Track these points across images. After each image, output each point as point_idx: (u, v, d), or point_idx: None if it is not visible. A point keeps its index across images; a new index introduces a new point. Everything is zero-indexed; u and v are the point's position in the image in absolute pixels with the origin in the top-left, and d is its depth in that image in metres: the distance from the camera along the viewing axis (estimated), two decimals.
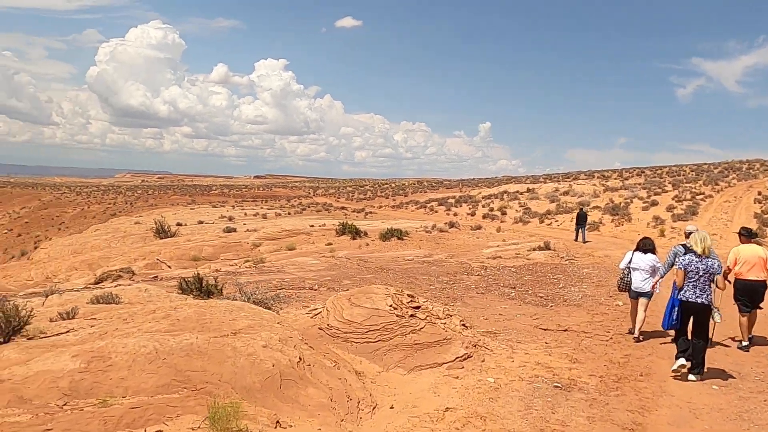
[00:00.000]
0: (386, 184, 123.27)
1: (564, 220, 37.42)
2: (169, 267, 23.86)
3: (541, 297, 14.60)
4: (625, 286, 10.23)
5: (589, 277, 17.42)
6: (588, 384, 7.67)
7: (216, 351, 5.03)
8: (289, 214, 53.31)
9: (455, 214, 50.05)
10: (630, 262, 10.08)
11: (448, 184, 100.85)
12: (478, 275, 18.86)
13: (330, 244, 28.74)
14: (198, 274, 14.39)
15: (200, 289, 13.74)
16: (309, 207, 65.11)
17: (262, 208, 63.44)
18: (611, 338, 10.43)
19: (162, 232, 33.29)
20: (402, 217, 48.03)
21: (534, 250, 23.36)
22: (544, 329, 11.28)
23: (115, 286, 17.24)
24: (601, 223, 33.45)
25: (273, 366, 5.09)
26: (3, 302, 5.23)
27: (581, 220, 28.19)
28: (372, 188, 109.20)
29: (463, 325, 8.35)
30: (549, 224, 37.49)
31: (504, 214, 44.88)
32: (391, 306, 7.68)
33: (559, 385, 7.36)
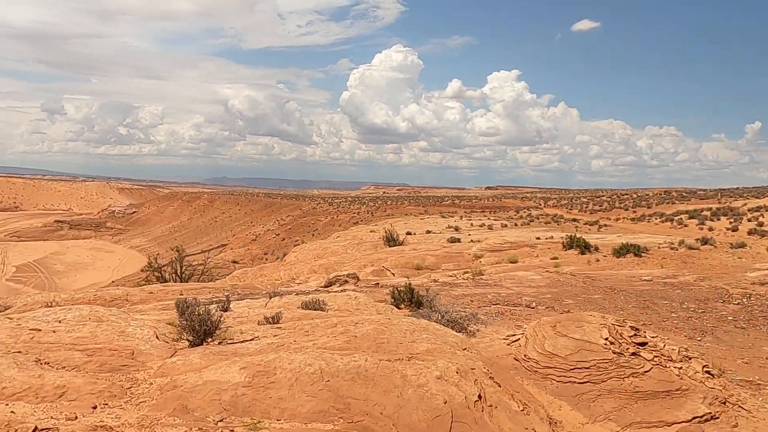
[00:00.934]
0: (626, 194, 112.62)
1: None
2: (393, 274, 24.71)
3: None
4: None
5: None
6: None
7: (383, 377, 4.51)
8: (515, 225, 51.84)
9: (710, 229, 42.98)
10: None
11: (702, 194, 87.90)
12: (737, 304, 15.46)
13: (555, 258, 26.82)
14: (409, 284, 14.37)
15: (411, 299, 13.70)
16: (537, 218, 62.58)
17: (488, 218, 63.00)
18: None
19: (391, 240, 34.93)
20: (643, 231, 42.95)
21: None
22: None
23: (342, 290, 18.32)
24: None
25: (445, 403, 4.38)
26: (195, 307, 5.54)
27: None
28: (609, 199, 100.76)
29: (708, 372, 6.50)
30: None
31: None
32: (606, 339, 6.33)
33: None
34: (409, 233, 47.55)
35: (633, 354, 6.27)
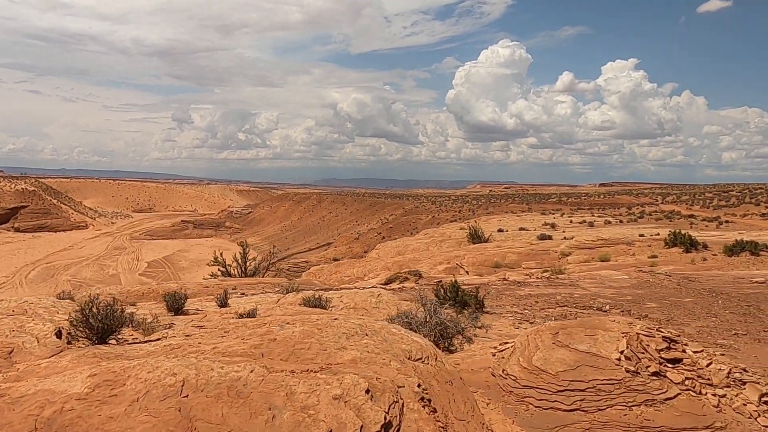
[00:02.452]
0: (760, 188, 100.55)
1: None
2: (467, 272, 23.27)
3: None
4: None
5: None
6: None
7: (261, 395, 3.49)
8: (620, 222, 47.76)
9: None
10: None
11: None
12: None
13: (654, 256, 23.92)
14: (455, 282, 13.05)
15: (455, 298, 12.38)
16: (649, 215, 57.36)
17: (593, 216, 58.72)
18: None
19: (475, 237, 33.35)
20: None
21: None
22: None
23: (400, 288, 17.32)
24: None
25: None
26: (95, 303, 4.86)
27: None
28: (739, 194, 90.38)
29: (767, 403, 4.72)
30: None
31: None
32: (622, 353, 4.79)
33: None
34: (501, 230, 45.40)
35: (655, 374, 4.69)
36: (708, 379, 4.68)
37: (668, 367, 4.76)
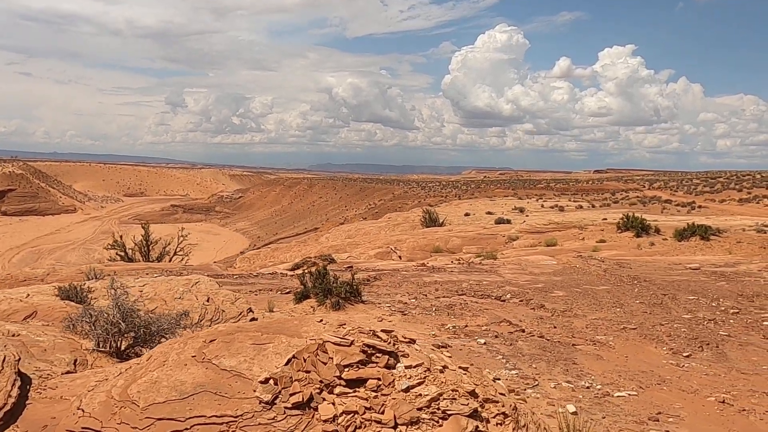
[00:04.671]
0: (748, 175, 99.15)
1: None
2: (399, 257, 21.82)
3: None
4: None
5: None
6: None
7: None
8: (592, 207, 46.37)
9: None
10: None
11: None
12: None
13: (602, 241, 22.49)
14: (324, 268, 11.55)
15: (320, 287, 10.85)
16: (624, 200, 56.02)
17: (570, 201, 57.32)
18: None
19: (429, 222, 31.88)
20: (744, 214, 36.30)
21: None
22: None
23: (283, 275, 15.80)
24: None
25: None
26: None
27: None
28: (726, 181, 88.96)
29: None
30: None
31: None
32: (275, 374, 3.25)
33: None
34: (467, 214, 44.01)
35: (298, 405, 3.18)
36: (382, 412, 3.18)
37: (344, 389, 3.26)
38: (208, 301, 7.87)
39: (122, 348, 5.96)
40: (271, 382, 3.34)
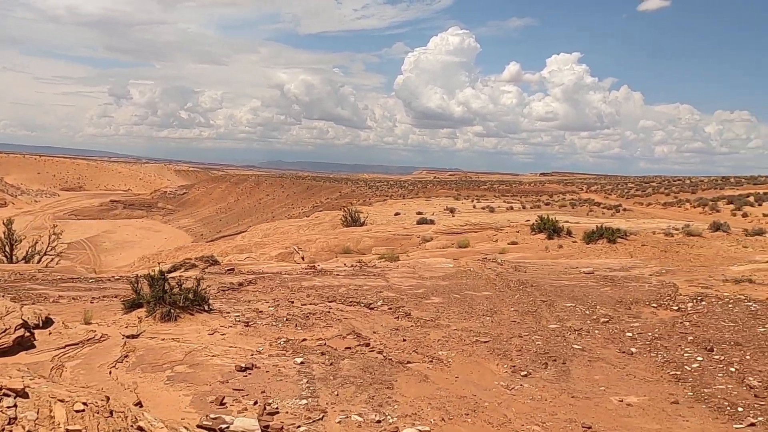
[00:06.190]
0: (679, 180, 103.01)
1: None
2: (302, 258, 20.67)
3: (756, 387, 6.25)
4: None
5: None
6: None
7: None
8: (523, 208, 46.50)
9: (745, 215, 36.44)
10: None
11: (763, 180, 78.38)
12: (677, 310, 10.57)
13: (514, 243, 21.99)
14: (156, 273, 10.25)
15: (155, 295, 9.55)
16: (557, 202, 56.66)
17: (504, 202, 57.55)
18: None
19: (350, 221, 30.87)
20: (664, 216, 36.95)
21: None
22: None
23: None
24: None
25: None
26: None
27: None
28: (657, 185, 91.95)
29: None
30: None
31: None
32: None
33: None
34: (397, 213, 43.32)
35: None
36: None
37: None
38: None
39: None
40: None
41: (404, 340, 8.44)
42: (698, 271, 14.82)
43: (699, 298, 11.30)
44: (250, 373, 6.44)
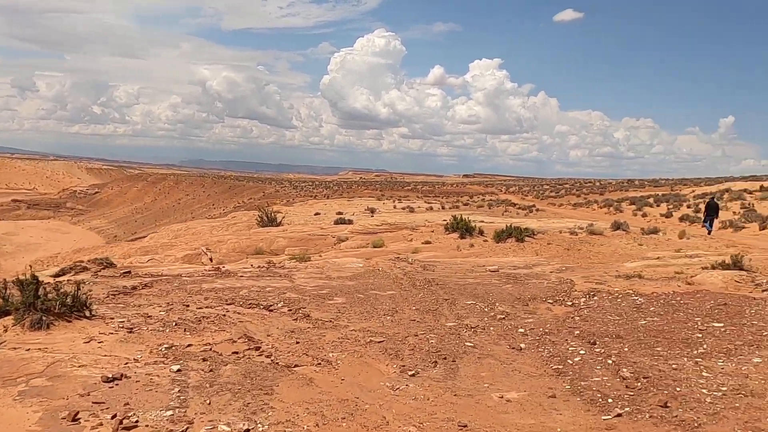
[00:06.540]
0: (589, 183, 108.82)
1: None
2: (210, 260, 19.90)
3: (628, 378, 6.47)
4: None
5: None
6: None
7: None
8: (442, 208, 47.32)
9: (644, 215, 38.84)
10: None
11: (663, 183, 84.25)
12: (570, 305, 10.92)
13: (428, 242, 22.20)
14: (21, 279, 9.39)
15: (24, 301, 8.74)
16: (475, 203, 58.21)
17: (426, 202, 58.41)
18: None
19: (265, 221, 30.09)
20: (573, 217, 38.66)
21: (709, 268, 13.92)
22: None
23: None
24: None
25: None
26: None
27: (711, 211, 25.79)
28: (569, 187, 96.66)
29: None
30: None
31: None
32: None
33: None
34: (317, 213, 42.88)
35: None
36: None
37: None
38: None
39: None
40: None
41: (297, 343, 8.16)
42: (595, 268, 15.49)
43: (592, 293, 11.77)
44: (117, 384, 5.95)
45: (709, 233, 24.87)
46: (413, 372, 6.80)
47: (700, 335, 8.25)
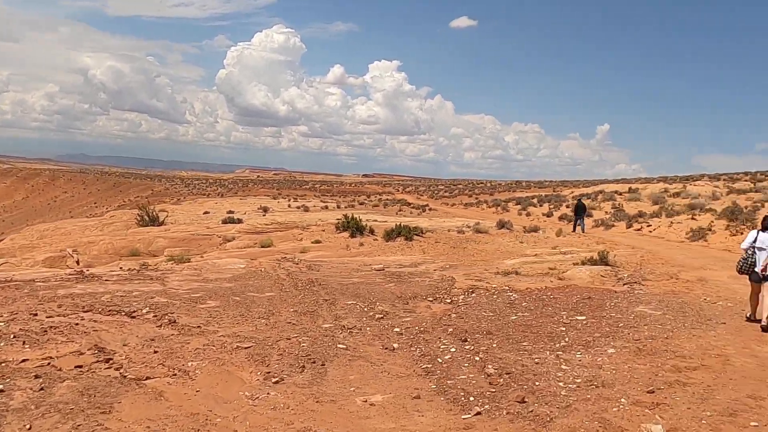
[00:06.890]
0: (481, 184, 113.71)
1: (662, 224, 27.29)
2: (77, 262, 18.22)
3: (492, 375, 6.53)
4: (748, 268, 9.04)
5: (637, 326, 8.81)
6: None
7: None
8: (338, 207, 47.10)
9: (528, 214, 41.01)
10: (755, 242, 8.99)
11: (547, 185, 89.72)
12: (449, 303, 11.02)
13: (318, 242, 21.82)
14: None
15: None
16: (371, 203, 58.64)
17: (321, 201, 57.93)
18: None
19: (149, 220, 28.21)
20: (464, 216, 39.87)
21: (580, 264, 14.77)
22: None
23: None
24: (710, 230, 23.20)
25: None
26: None
27: (580, 211, 27.48)
28: (463, 187, 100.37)
29: None
30: (638, 229, 27.57)
31: (589, 216, 35.05)
32: None
33: None
34: (207, 212, 41.02)
35: None
36: None
37: None
38: None
39: None
40: None
41: (155, 352, 7.48)
42: (477, 265, 15.91)
43: (471, 290, 12.00)
44: None
45: (582, 231, 26.57)
46: (277, 379, 6.43)
47: (564, 329, 8.59)
